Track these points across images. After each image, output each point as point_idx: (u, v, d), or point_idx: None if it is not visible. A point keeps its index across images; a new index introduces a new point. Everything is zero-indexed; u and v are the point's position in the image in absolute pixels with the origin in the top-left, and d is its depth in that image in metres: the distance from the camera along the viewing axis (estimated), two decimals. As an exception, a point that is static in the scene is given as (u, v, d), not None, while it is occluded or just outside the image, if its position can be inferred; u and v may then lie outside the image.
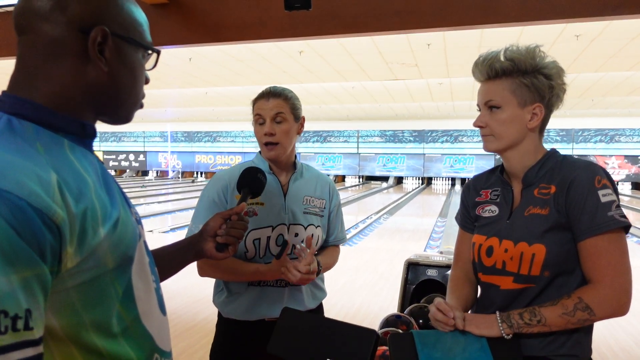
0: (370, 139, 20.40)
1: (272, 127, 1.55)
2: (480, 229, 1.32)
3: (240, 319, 1.60)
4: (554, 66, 1.22)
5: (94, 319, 0.69)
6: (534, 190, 1.24)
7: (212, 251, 1.15)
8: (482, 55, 1.24)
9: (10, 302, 0.56)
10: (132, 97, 0.82)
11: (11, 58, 3.63)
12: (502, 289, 1.23)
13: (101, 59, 0.75)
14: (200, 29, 3.29)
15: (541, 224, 1.18)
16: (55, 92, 0.73)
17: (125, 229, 0.73)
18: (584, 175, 1.16)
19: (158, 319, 0.82)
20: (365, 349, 1.10)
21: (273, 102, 1.56)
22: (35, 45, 0.73)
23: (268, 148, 1.58)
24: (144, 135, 23.36)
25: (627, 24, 5.66)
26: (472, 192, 1.40)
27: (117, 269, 0.72)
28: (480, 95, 1.26)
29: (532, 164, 1.25)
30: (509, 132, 1.22)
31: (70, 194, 0.65)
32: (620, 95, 11.84)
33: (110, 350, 0.71)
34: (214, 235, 1.16)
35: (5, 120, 0.68)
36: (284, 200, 1.61)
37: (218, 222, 1.16)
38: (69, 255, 0.64)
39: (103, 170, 0.78)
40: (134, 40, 0.79)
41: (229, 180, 1.59)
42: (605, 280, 1.12)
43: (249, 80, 9.79)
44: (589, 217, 1.13)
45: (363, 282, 5.22)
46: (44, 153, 0.66)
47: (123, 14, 0.78)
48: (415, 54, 7.37)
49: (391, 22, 2.97)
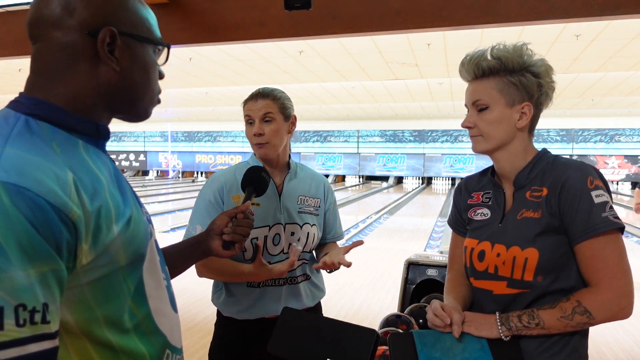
0: (370, 138, 20.40)
1: (260, 127, 1.58)
2: (472, 232, 1.30)
3: (240, 317, 1.61)
4: (542, 64, 1.19)
5: (107, 315, 0.71)
6: (525, 192, 1.21)
7: (219, 249, 1.16)
8: (469, 54, 1.22)
9: (29, 296, 0.58)
10: (147, 93, 0.84)
11: (11, 58, 3.64)
12: (496, 293, 1.21)
13: (112, 59, 0.76)
14: (200, 29, 3.29)
15: (534, 227, 1.16)
16: (70, 95, 0.75)
17: (137, 227, 0.75)
18: (576, 176, 1.13)
19: (169, 315, 0.84)
20: (365, 349, 1.10)
21: (261, 103, 1.58)
22: (49, 52, 0.75)
23: (258, 147, 1.60)
24: (144, 135, 23.36)
25: (627, 24, 5.66)
26: (464, 194, 1.37)
27: (129, 266, 0.74)
28: (467, 95, 1.24)
29: (523, 166, 1.22)
30: (498, 132, 1.20)
31: (86, 193, 0.67)
32: (620, 95, 11.84)
33: (123, 345, 0.73)
34: (220, 234, 1.17)
35: (23, 120, 0.70)
36: (279, 200, 1.63)
37: (224, 221, 1.18)
38: (84, 251, 0.66)
39: (116, 170, 0.80)
40: (143, 37, 0.80)
41: (225, 182, 1.62)
42: (603, 283, 1.09)
43: (249, 80, 9.79)
44: (583, 219, 1.10)
45: (363, 282, 5.22)
46: (60, 152, 0.69)
47: (129, 12, 0.79)
48: (415, 54, 7.37)
49: (391, 22, 2.97)
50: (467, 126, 1.24)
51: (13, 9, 3.61)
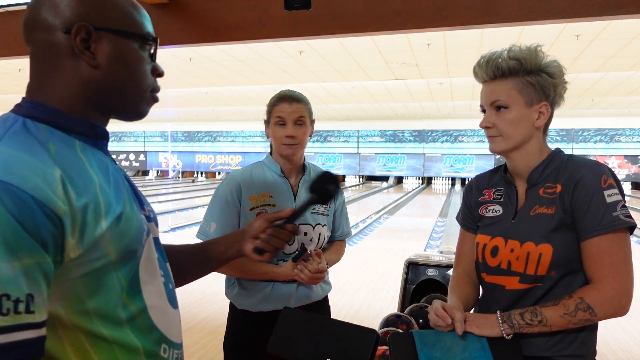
0: (370, 138, 20.39)
1: (294, 129, 1.64)
2: (484, 228, 1.32)
3: (255, 310, 1.66)
4: (556, 65, 1.22)
5: (99, 308, 0.73)
6: (539, 189, 1.23)
7: (250, 252, 1.15)
8: (485, 56, 1.24)
9: (12, 286, 0.60)
10: (134, 89, 0.83)
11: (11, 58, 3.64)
12: (508, 289, 1.23)
13: (87, 54, 0.77)
14: (200, 29, 3.29)
15: (547, 223, 1.18)
16: (60, 94, 0.78)
17: (129, 223, 0.77)
18: (591, 175, 1.15)
19: (167, 311, 0.86)
20: (365, 349, 1.10)
21: (295, 106, 1.64)
22: (37, 54, 0.78)
23: (287, 147, 1.65)
24: (144, 135, 23.35)
25: (627, 24, 5.66)
26: (475, 191, 1.39)
27: (120, 261, 0.75)
28: (485, 95, 1.25)
29: (537, 164, 1.24)
30: (517, 131, 1.21)
31: (74, 189, 0.69)
32: (620, 95, 11.84)
33: (116, 338, 0.75)
34: (255, 237, 1.15)
35: (21, 122, 0.74)
36: (294, 202, 1.69)
37: (262, 226, 1.15)
38: (71, 245, 0.68)
39: (115, 169, 0.82)
40: (124, 31, 0.80)
41: (242, 181, 1.67)
42: (606, 280, 1.12)
43: (249, 80, 9.80)
44: (593, 216, 1.13)
45: (363, 282, 5.22)
46: (55, 152, 0.71)
47: (109, 8, 0.79)
48: (415, 54, 7.37)
49: (391, 22, 2.97)
50: (486, 126, 1.25)
51: (13, 9, 3.61)
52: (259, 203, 1.65)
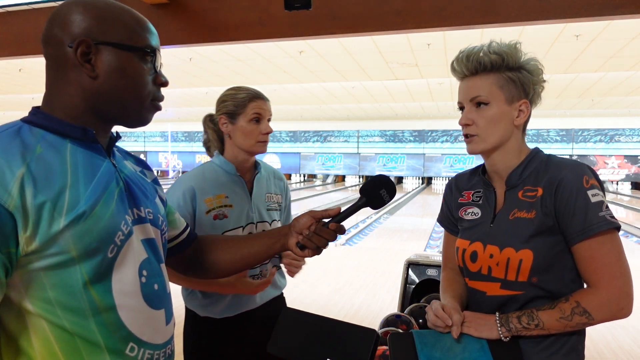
0: (370, 138, 20.39)
1: (268, 126, 1.65)
2: (463, 232, 1.28)
3: (221, 316, 1.62)
4: (535, 62, 1.20)
5: (61, 300, 0.78)
6: (518, 192, 1.19)
7: (294, 247, 1.16)
8: (463, 51, 1.20)
9: None
10: (133, 98, 0.89)
11: (11, 58, 3.63)
12: (489, 295, 1.20)
13: (87, 66, 0.84)
14: (200, 29, 3.29)
15: (527, 228, 1.14)
16: (65, 103, 0.86)
17: (95, 223, 0.80)
18: (572, 176, 1.12)
19: (141, 311, 0.87)
20: (365, 349, 1.10)
21: (268, 105, 1.67)
22: (50, 66, 0.87)
23: (262, 144, 1.65)
24: (144, 135, 23.37)
25: (627, 24, 5.66)
26: (455, 192, 1.35)
27: (83, 258, 0.79)
28: (464, 91, 1.21)
29: (516, 165, 1.21)
30: (496, 130, 1.18)
31: (34, 188, 0.75)
32: (620, 95, 11.84)
33: (78, 331, 0.79)
34: (300, 233, 1.16)
35: (17, 126, 0.82)
36: (250, 200, 1.67)
37: (308, 222, 1.16)
38: (25, 239, 0.74)
39: (108, 171, 0.87)
40: (122, 44, 0.86)
41: (196, 184, 1.60)
42: (602, 283, 1.09)
43: (249, 80, 9.79)
44: (580, 219, 1.09)
45: (363, 282, 5.22)
46: (39, 152, 0.79)
47: (109, 22, 0.86)
48: (415, 54, 7.37)
49: (391, 22, 2.97)
50: (465, 123, 1.21)
51: (13, 9, 3.61)
52: (215, 205, 1.59)
